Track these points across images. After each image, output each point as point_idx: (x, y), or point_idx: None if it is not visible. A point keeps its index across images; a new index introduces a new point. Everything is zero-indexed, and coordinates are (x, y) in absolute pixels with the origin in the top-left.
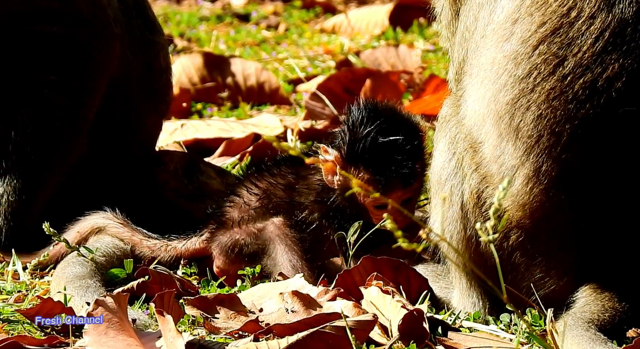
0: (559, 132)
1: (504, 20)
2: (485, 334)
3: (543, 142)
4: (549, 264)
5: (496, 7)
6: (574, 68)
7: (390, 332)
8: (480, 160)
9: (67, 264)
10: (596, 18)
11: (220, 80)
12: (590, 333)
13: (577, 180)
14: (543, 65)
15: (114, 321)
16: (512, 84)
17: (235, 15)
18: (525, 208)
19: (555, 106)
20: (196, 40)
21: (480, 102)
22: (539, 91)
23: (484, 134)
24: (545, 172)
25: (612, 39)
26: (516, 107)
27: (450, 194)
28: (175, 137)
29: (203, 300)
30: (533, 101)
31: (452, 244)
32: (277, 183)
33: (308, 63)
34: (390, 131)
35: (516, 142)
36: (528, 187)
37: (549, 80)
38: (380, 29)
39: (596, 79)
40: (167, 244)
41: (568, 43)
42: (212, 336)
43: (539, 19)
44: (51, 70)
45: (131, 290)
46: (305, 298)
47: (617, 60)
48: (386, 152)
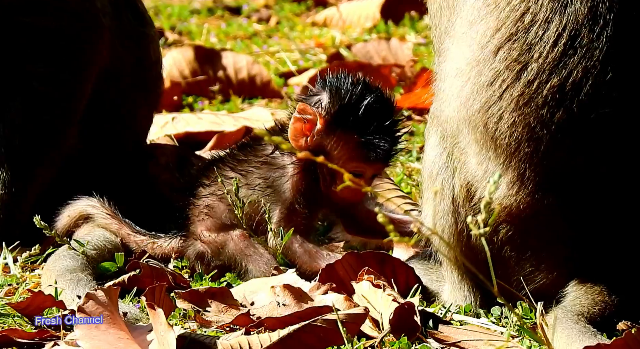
0: (537, 139)
1: (466, 24)
2: (476, 327)
3: (523, 149)
4: (539, 258)
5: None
6: (539, 73)
7: (381, 325)
8: (466, 163)
9: (58, 258)
10: (551, 22)
11: (211, 73)
12: (580, 325)
13: (561, 182)
14: (506, 72)
15: (105, 315)
16: (479, 91)
17: (227, 9)
18: (512, 209)
19: (527, 113)
20: (187, 34)
21: (452, 109)
22: (507, 98)
23: (463, 140)
24: (529, 177)
25: (569, 42)
26: (488, 115)
27: (441, 188)
28: (166, 130)
29: (194, 293)
30: (504, 109)
31: (444, 238)
32: (228, 164)
33: (299, 56)
34: (381, 103)
35: (496, 150)
36: (513, 191)
37: (515, 86)
38: (372, 22)
39: (563, 84)
40: (154, 242)
41: (528, 48)
42: (204, 329)
43: (494, 24)
44: (40, 62)
45: (122, 284)
46: (296, 292)
47: (580, 63)
48: (378, 124)
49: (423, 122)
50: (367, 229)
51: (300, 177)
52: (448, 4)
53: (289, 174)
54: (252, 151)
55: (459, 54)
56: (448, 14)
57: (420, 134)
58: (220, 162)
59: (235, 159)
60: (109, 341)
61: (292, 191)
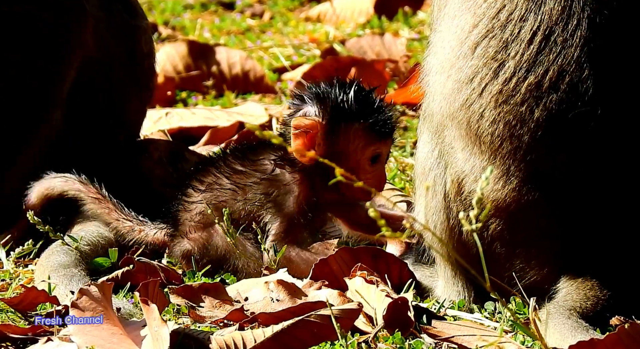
0: (518, 135)
1: (448, 19)
2: (470, 322)
3: (506, 146)
4: (529, 254)
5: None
6: (516, 71)
7: (375, 320)
8: (454, 158)
9: (52, 253)
10: (527, 20)
11: (205, 68)
12: (572, 320)
13: (546, 177)
14: (484, 69)
15: (98, 310)
16: (459, 88)
17: (220, 4)
18: (500, 204)
19: (506, 110)
20: (181, 29)
21: (436, 104)
22: (486, 95)
23: (449, 136)
24: (514, 173)
25: (545, 40)
26: (470, 113)
27: (433, 184)
28: (159, 125)
29: (188, 289)
30: (485, 107)
31: (436, 234)
32: (222, 173)
33: (293, 52)
34: (361, 88)
35: (481, 146)
36: (499, 185)
37: (494, 84)
38: (366, 18)
39: (540, 81)
40: (140, 230)
41: (504, 46)
42: (197, 325)
43: (472, 20)
44: (19, 49)
45: (116, 279)
46: (290, 287)
47: (555, 62)
48: (373, 102)
49: (416, 118)
50: (369, 225)
51: (303, 192)
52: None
53: (291, 190)
54: (251, 164)
55: (442, 49)
56: (437, 9)
57: (413, 130)
58: (214, 167)
59: (231, 167)
60: (102, 337)
61: (295, 206)
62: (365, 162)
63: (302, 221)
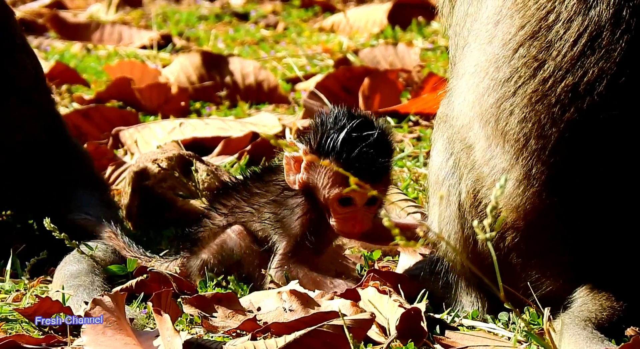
0: (545, 136)
1: (487, 21)
2: (484, 332)
3: (531, 146)
4: (545, 265)
5: (482, 6)
6: (554, 71)
7: (388, 331)
8: (473, 161)
9: (68, 263)
10: (573, 21)
11: (218, 79)
12: (587, 331)
13: (567, 182)
14: (523, 69)
15: (111, 320)
16: (494, 87)
17: (234, 14)
18: (519, 210)
19: (538, 110)
20: (195, 40)
21: (466, 104)
22: (520, 94)
23: (473, 136)
24: (536, 176)
25: (589, 42)
26: (500, 110)
27: (447, 193)
28: (173, 136)
29: (201, 299)
30: (516, 105)
31: (451, 244)
32: (242, 197)
33: (306, 62)
34: (363, 128)
35: (504, 146)
36: (520, 189)
37: (530, 83)
38: (379, 28)
39: (577, 83)
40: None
41: (547, 46)
42: (210, 334)
43: (519, 22)
44: None
45: (129, 289)
46: (303, 297)
47: (596, 64)
48: (357, 145)
49: (430, 128)
50: (371, 235)
51: (308, 216)
52: (474, 9)
53: (297, 213)
54: (265, 185)
55: (480, 52)
56: (472, 19)
57: (427, 139)
58: (236, 191)
59: (249, 191)
60: (115, 347)
61: (301, 228)
62: (334, 202)
63: (308, 241)
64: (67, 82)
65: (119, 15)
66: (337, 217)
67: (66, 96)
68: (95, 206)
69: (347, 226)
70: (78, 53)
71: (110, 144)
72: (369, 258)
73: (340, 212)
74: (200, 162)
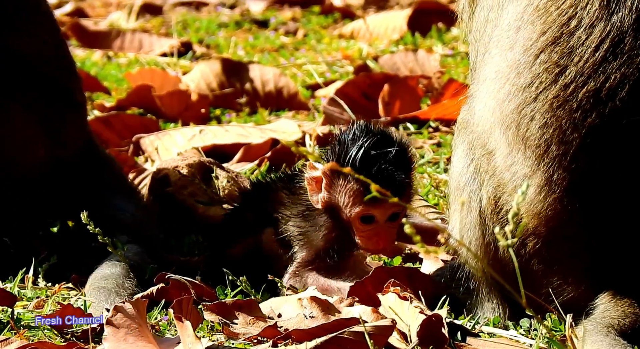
0: (566, 142)
1: (508, 28)
2: (505, 339)
3: (552, 151)
4: (566, 271)
5: (502, 12)
6: (576, 77)
7: (409, 337)
8: (494, 168)
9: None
10: (595, 27)
11: (238, 86)
12: (610, 338)
13: (589, 188)
14: (545, 74)
15: (133, 327)
16: (515, 93)
17: (254, 22)
18: (540, 216)
19: (559, 115)
20: (215, 47)
21: (487, 110)
22: (542, 100)
23: (494, 142)
24: (557, 181)
25: (611, 48)
26: (521, 116)
27: (468, 200)
28: (193, 143)
29: (222, 306)
30: (537, 110)
31: (472, 250)
32: (272, 201)
33: (326, 68)
34: (381, 145)
35: (525, 152)
36: (541, 196)
37: (551, 89)
38: (399, 34)
39: (599, 88)
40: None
41: (569, 52)
42: (231, 341)
43: (540, 28)
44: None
45: (150, 296)
46: (323, 304)
47: (619, 70)
48: (376, 162)
49: (450, 133)
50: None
51: (333, 234)
52: (495, 15)
53: (322, 231)
54: (293, 198)
55: (501, 58)
56: (492, 26)
57: (447, 145)
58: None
59: (280, 202)
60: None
61: (324, 244)
62: (356, 221)
63: (329, 257)
64: (88, 90)
65: (139, 23)
66: (360, 235)
67: (87, 103)
68: (133, 211)
69: (371, 243)
70: (99, 61)
71: (131, 152)
72: (389, 264)
73: (363, 230)
74: (220, 169)
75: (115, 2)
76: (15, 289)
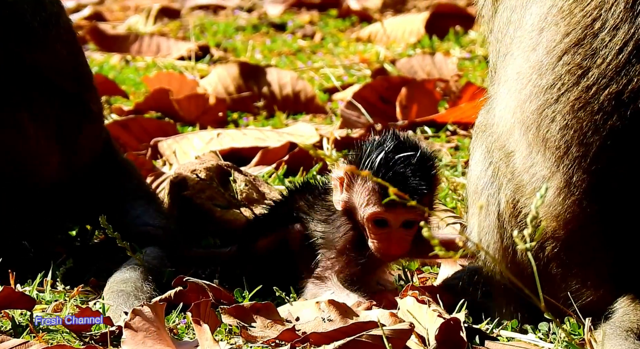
0: (587, 143)
1: (531, 29)
2: (524, 343)
3: (572, 153)
4: (585, 275)
5: (525, 14)
6: (598, 79)
7: (427, 341)
8: (513, 170)
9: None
10: (619, 29)
11: (256, 89)
12: (630, 342)
13: (608, 191)
14: (567, 76)
15: (151, 331)
16: (537, 94)
17: (271, 25)
18: (559, 219)
19: (580, 117)
20: (232, 50)
21: (507, 111)
22: (563, 101)
23: (513, 143)
24: (576, 183)
25: (635, 50)
26: (542, 117)
27: (487, 203)
28: (211, 146)
29: (240, 309)
30: (558, 112)
31: (490, 254)
32: (304, 202)
33: (344, 72)
34: (403, 149)
35: (545, 153)
36: (560, 198)
37: (573, 91)
38: (416, 38)
39: (621, 91)
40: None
41: (592, 54)
42: (249, 345)
43: (564, 29)
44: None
45: (168, 299)
46: (341, 307)
47: None
48: (395, 165)
49: (468, 137)
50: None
51: (350, 236)
52: (517, 16)
53: (340, 232)
54: (319, 202)
55: (523, 59)
56: (515, 27)
57: (465, 149)
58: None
59: (311, 206)
60: None
61: (343, 245)
62: (369, 223)
63: (353, 260)
64: (106, 94)
65: (157, 27)
66: (373, 239)
67: (105, 107)
68: (154, 217)
69: (382, 248)
70: (117, 64)
71: (149, 155)
72: (407, 269)
73: (376, 233)
74: (238, 173)
75: (133, 6)
76: (34, 292)
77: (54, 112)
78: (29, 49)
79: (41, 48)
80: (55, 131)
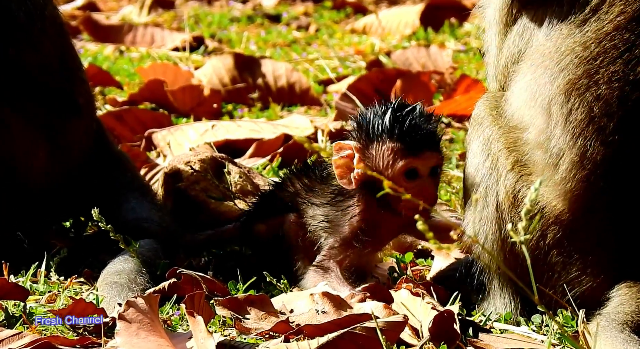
0: (610, 114)
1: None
2: (517, 335)
3: (595, 124)
4: (586, 262)
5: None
6: None
7: (420, 333)
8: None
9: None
10: None
11: (250, 81)
12: (625, 334)
13: (621, 166)
14: (612, 50)
15: (145, 322)
16: (577, 64)
17: (266, 16)
18: (567, 197)
19: (614, 87)
20: (227, 41)
21: (532, 86)
22: (602, 72)
23: (528, 118)
24: (591, 156)
25: None
26: (574, 87)
27: (485, 195)
28: (205, 138)
29: (233, 301)
30: (594, 82)
31: (486, 245)
32: (303, 186)
33: (339, 64)
34: (402, 106)
35: (566, 125)
36: (572, 174)
37: (616, 63)
38: (411, 29)
39: None
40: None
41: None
42: (243, 336)
43: (618, 9)
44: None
45: (162, 291)
46: (335, 299)
47: None
48: (405, 119)
49: (462, 130)
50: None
51: (360, 217)
52: None
53: (348, 215)
54: (322, 186)
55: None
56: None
57: (459, 142)
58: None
59: (310, 189)
60: (149, 348)
61: (349, 229)
62: (400, 178)
63: (357, 242)
64: (100, 85)
65: (151, 17)
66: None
67: (99, 98)
68: (149, 209)
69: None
70: (111, 55)
71: (143, 146)
72: (401, 261)
73: (408, 187)
74: (232, 165)
75: None
76: (27, 283)
77: (40, 108)
78: (12, 42)
79: (25, 42)
80: (41, 125)
